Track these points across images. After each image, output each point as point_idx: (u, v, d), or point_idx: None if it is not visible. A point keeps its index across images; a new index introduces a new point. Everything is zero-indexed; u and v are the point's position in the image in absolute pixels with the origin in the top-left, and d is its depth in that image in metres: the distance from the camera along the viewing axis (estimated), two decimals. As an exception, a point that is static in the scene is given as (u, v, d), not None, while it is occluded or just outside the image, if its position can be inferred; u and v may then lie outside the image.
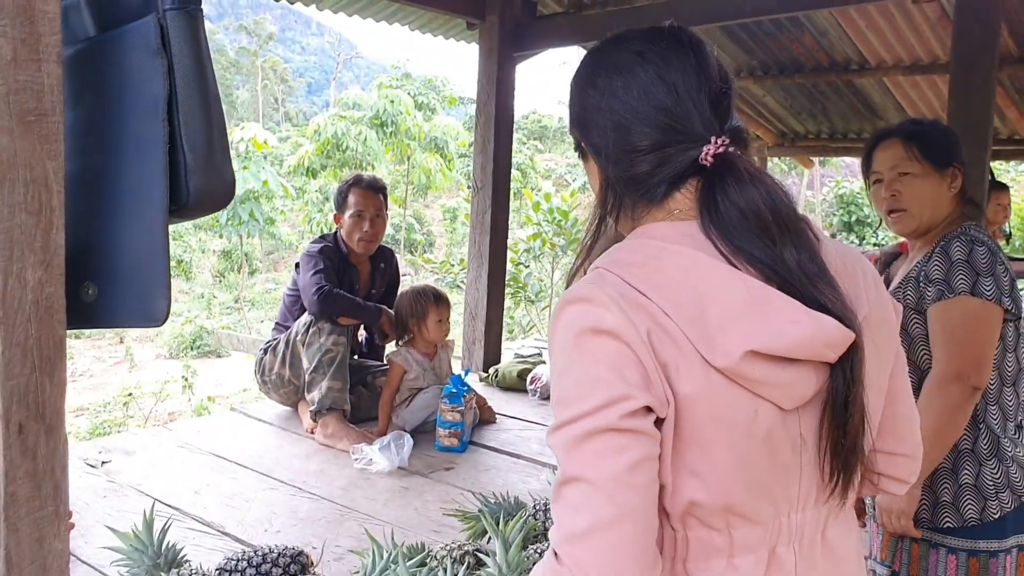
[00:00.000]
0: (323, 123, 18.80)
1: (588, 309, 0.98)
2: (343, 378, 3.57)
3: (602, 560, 0.93)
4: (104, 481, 2.97)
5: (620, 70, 1.12)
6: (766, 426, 0.99)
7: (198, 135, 0.94)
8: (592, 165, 1.17)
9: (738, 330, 0.96)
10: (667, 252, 1.02)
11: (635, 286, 0.99)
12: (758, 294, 0.99)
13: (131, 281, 0.93)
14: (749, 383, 0.97)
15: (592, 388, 0.96)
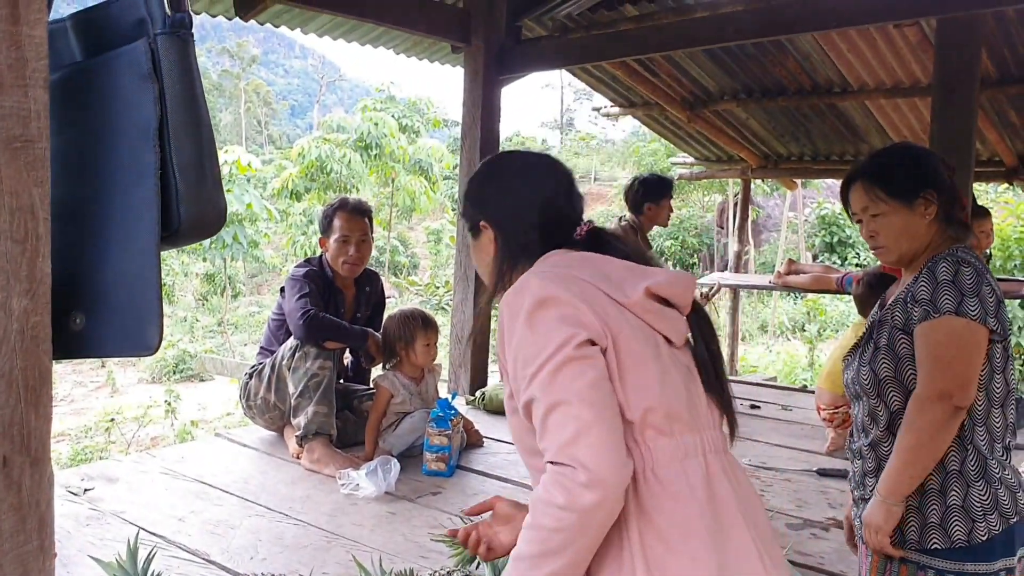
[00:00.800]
0: (307, 146, 18.78)
1: (529, 292, 1.38)
2: (329, 403, 3.54)
3: (592, 451, 1.24)
4: (87, 509, 2.92)
5: (526, 173, 1.66)
6: (667, 352, 1.43)
7: (189, 161, 0.92)
8: (485, 241, 1.63)
9: (633, 281, 1.45)
10: (565, 256, 1.52)
11: (556, 266, 1.46)
12: (632, 264, 1.51)
13: (121, 310, 0.91)
14: (648, 316, 1.43)
15: (548, 339, 1.32)
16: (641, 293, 1.41)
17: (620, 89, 6.99)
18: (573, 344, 1.30)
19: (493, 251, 1.61)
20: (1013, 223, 10.78)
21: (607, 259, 1.50)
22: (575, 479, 1.23)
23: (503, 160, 1.74)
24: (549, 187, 1.63)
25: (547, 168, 1.67)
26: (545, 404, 1.29)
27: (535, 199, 1.61)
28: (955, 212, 2.23)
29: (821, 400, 4.12)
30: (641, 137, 28.54)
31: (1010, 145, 6.48)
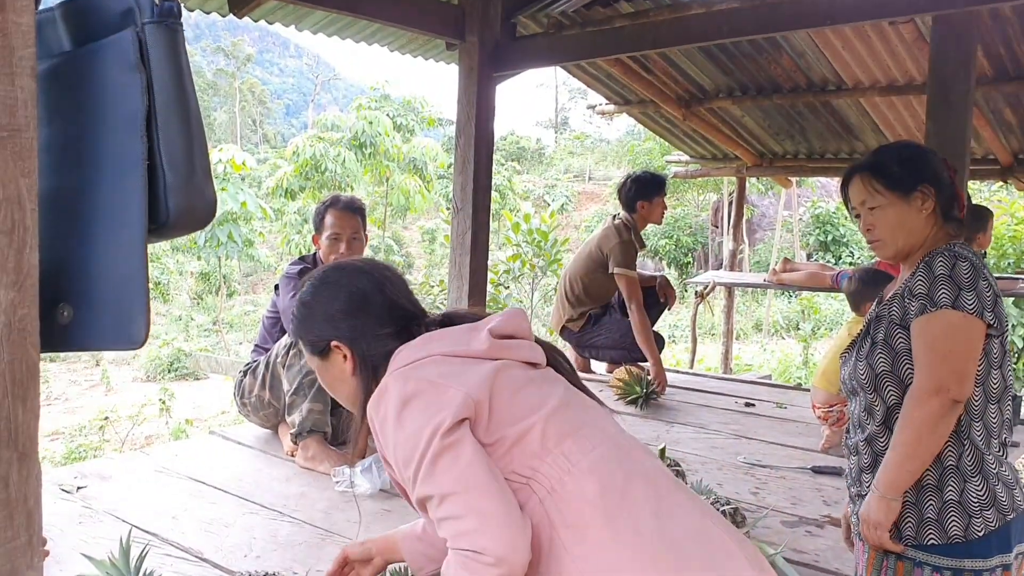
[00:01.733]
0: (301, 144, 18.76)
1: (389, 395, 1.49)
2: (324, 400, 3.53)
3: (492, 537, 1.31)
4: (79, 507, 2.91)
5: (364, 283, 1.73)
6: (537, 372, 1.62)
7: (178, 152, 0.91)
8: (338, 361, 1.70)
9: (476, 332, 1.60)
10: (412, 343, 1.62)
11: (409, 360, 1.56)
12: (470, 325, 1.66)
13: (108, 302, 0.90)
14: (504, 353, 1.58)
15: (417, 436, 1.40)
16: (486, 337, 1.57)
17: (615, 87, 6.99)
18: (440, 434, 1.38)
19: (351, 368, 1.68)
20: (1007, 221, 10.80)
21: (445, 331, 1.63)
22: (481, 561, 1.31)
23: (336, 276, 1.78)
24: (389, 291, 1.74)
25: (381, 274, 1.77)
26: (436, 497, 1.37)
27: (382, 305, 1.71)
28: (953, 210, 2.24)
29: (816, 399, 4.12)
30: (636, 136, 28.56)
31: (1005, 143, 6.48)
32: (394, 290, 1.75)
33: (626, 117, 7.75)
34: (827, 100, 6.29)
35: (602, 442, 1.50)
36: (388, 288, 1.74)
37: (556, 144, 46.33)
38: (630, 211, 5.15)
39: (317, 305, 1.73)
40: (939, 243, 2.19)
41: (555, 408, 1.50)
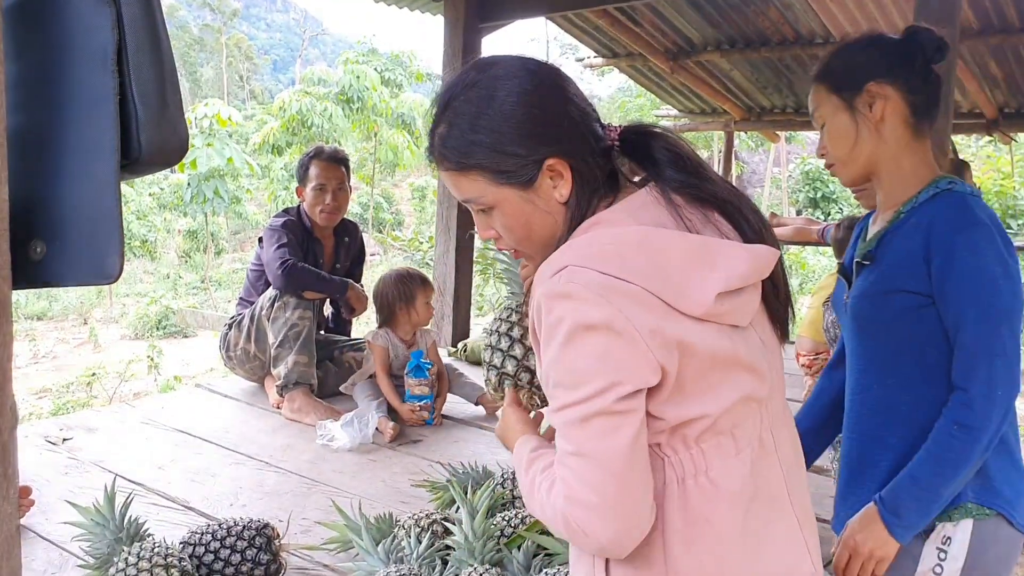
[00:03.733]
0: (288, 99, 18.58)
1: (575, 306, 1.11)
2: (310, 353, 3.55)
3: (607, 531, 1.11)
4: (65, 458, 2.92)
5: (553, 80, 1.25)
6: (735, 343, 1.18)
7: (149, 87, 0.90)
8: (543, 184, 1.23)
9: (700, 281, 1.13)
10: (617, 237, 1.16)
11: (608, 272, 1.11)
12: (702, 245, 1.16)
13: (81, 238, 0.90)
14: (718, 317, 1.15)
15: (585, 377, 1.11)
16: (710, 301, 1.13)
17: (604, 40, 6.93)
18: (613, 397, 1.10)
19: (566, 192, 1.23)
20: (993, 176, 10.82)
21: (668, 239, 1.16)
22: (585, 535, 1.13)
23: (511, 74, 1.24)
24: (574, 90, 1.27)
25: (558, 75, 1.29)
26: (571, 446, 1.13)
27: (580, 106, 1.25)
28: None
29: (802, 348, 4.15)
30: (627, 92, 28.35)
31: (990, 97, 6.48)
32: (580, 94, 1.28)
33: (617, 73, 7.71)
34: (814, 53, 6.26)
35: (750, 442, 1.21)
36: (567, 82, 1.27)
37: (545, 101, 45.91)
38: (617, 165, 5.13)
39: (504, 118, 1.21)
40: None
41: (719, 404, 1.17)
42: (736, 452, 1.18)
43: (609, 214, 1.22)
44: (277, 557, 2.08)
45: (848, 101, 1.69)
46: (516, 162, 1.21)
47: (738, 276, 1.15)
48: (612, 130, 1.27)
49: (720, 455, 1.17)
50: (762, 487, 1.21)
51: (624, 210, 1.22)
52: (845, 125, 1.71)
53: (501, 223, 1.28)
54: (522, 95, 1.22)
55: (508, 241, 1.30)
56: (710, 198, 1.23)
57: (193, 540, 2.06)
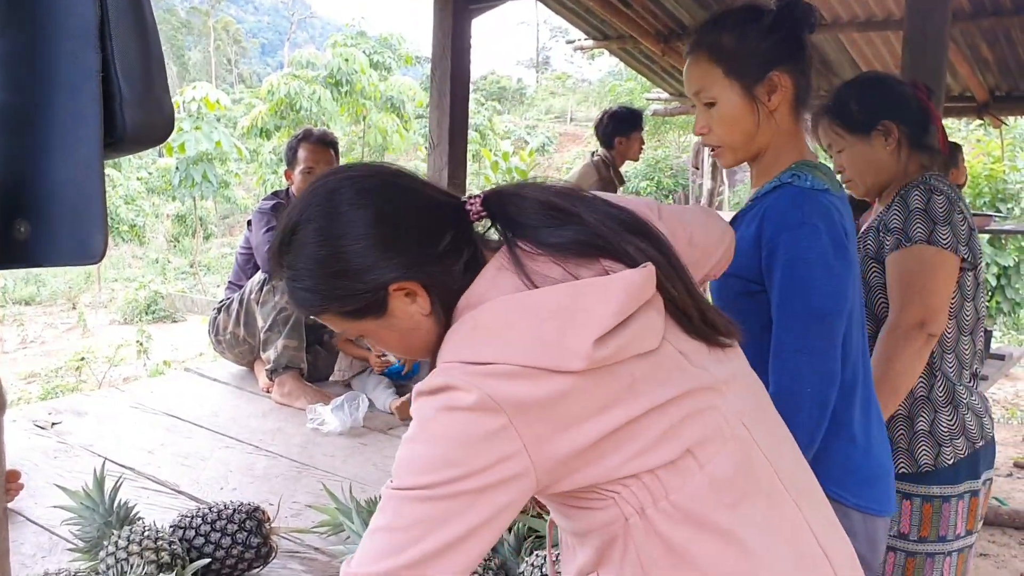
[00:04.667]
0: (276, 83, 18.48)
1: (475, 412, 1.02)
2: (299, 336, 3.53)
3: None
4: (54, 442, 2.91)
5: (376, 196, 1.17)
6: (651, 368, 1.10)
7: (133, 64, 0.89)
8: (397, 306, 1.17)
9: (573, 333, 1.04)
10: (480, 314, 1.10)
11: (497, 361, 1.04)
12: (568, 293, 1.08)
13: (66, 218, 0.89)
14: (612, 359, 1.06)
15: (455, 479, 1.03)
16: (589, 349, 1.04)
17: (594, 22, 6.90)
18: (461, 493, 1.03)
19: (426, 308, 1.18)
20: (983, 160, 10.84)
21: (533, 299, 1.09)
22: None
23: (338, 203, 1.17)
24: (414, 191, 1.22)
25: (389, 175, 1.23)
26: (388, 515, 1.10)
27: (425, 214, 1.19)
28: (925, 138, 2.22)
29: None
30: (617, 76, 28.29)
31: (981, 80, 6.48)
32: (411, 185, 1.21)
33: (608, 57, 7.68)
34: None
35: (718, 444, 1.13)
36: (404, 186, 1.21)
37: (537, 84, 45.86)
38: (608, 147, 5.12)
39: (344, 250, 1.15)
40: (913, 174, 2.19)
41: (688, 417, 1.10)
42: (700, 467, 1.10)
43: (468, 297, 1.16)
44: (267, 540, 2.08)
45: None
46: (354, 300, 1.17)
47: (612, 313, 1.06)
48: (474, 202, 1.20)
49: (680, 476, 1.10)
50: (748, 485, 1.14)
51: (484, 283, 1.16)
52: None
53: (383, 347, 1.28)
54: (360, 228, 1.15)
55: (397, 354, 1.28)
56: (576, 243, 1.14)
57: (183, 523, 2.05)
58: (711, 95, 1.71)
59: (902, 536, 2.18)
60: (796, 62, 1.68)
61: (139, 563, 1.80)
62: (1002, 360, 4.65)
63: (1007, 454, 6.40)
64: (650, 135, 21.88)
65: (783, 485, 1.19)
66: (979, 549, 4.65)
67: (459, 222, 1.20)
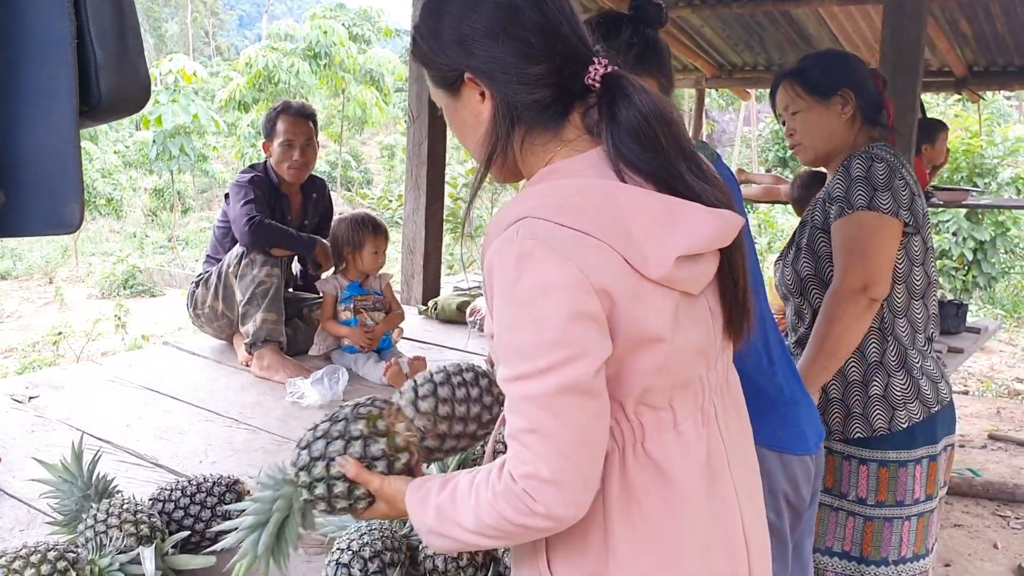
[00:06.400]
0: (254, 55, 18.29)
1: (532, 264, 1.05)
2: (278, 310, 3.51)
3: (561, 502, 1.07)
4: (32, 416, 2.89)
5: (527, 5, 1.16)
6: (683, 312, 1.14)
7: (108, 30, 0.88)
8: (472, 102, 1.21)
9: (662, 242, 1.09)
10: (583, 188, 1.12)
11: (567, 225, 1.07)
12: (667, 206, 1.12)
13: (41, 187, 0.88)
14: (675, 283, 1.11)
15: (548, 346, 1.05)
16: (669, 265, 1.08)
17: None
18: (574, 371, 1.05)
19: (489, 113, 1.20)
20: (961, 136, 10.90)
21: (633, 196, 1.11)
22: (534, 510, 1.08)
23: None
24: (548, 11, 1.18)
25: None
26: (526, 421, 1.08)
27: (537, 35, 1.17)
28: (877, 116, 2.28)
29: (768, 308, 4.20)
30: (597, 49, 28.14)
31: (960, 55, 6.51)
32: (557, 12, 1.18)
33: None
34: (786, 10, 6.23)
35: (689, 413, 1.20)
36: (549, 8, 1.18)
37: (516, 58, 45.52)
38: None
39: (448, 16, 1.20)
40: (860, 147, 2.23)
41: (663, 376, 1.14)
42: (674, 425, 1.17)
43: (568, 164, 1.17)
44: (247, 513, 2.08)
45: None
46: (439, 69, 1.23)
47: (703, 239, 1.12)
48: (596, 70, 1.18)
49: (657, 428, 1.16)
50: (700, 458, 1.20)
51: (584, 161, 1.17)
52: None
53: (450, 125, 1.31)
54: (476, 6, 1.18)
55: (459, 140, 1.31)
56: (660, 179, 1.15)
57: (162, 496, 2.05)
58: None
59: (860, 501, 2.23)
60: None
61: (118, 536, 1.80)
62: (977, 334, 4.69)
63: (981, 426, 6.49)
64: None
65: (730, 470, 1.25)
66: (953, 520, 4.73)
67: (570, 71, 1.18)
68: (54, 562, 1.64)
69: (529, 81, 1.16)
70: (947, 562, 4.22)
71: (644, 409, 1.15)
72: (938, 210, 9.98)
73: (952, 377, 2.57)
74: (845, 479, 2.25)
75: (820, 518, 2.28)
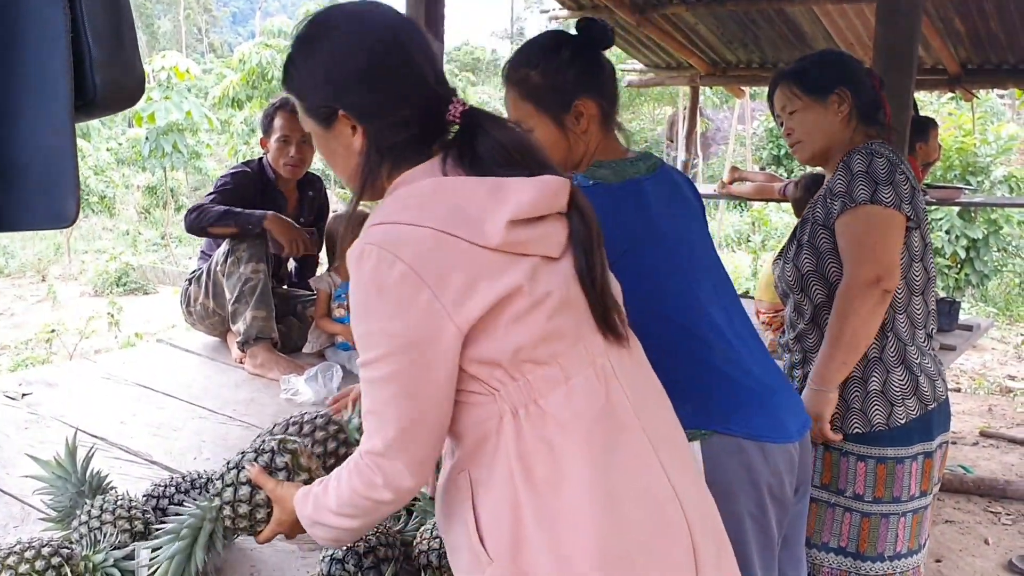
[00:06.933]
0: (248, 52, 18.23)
1: (367, 265, 1.21)
2: (267, 306, 3.49)
3: (397, 472, 1.26)
4: (25, 413, 2.89)
5: (389, 40, 1.32)
6: (543, 275, 1.26)
7: (103, 24, 0.88)
8: (344, 135, 1.36)
9: (493, 213, 1.22)
10: (418, 189, 1.28)
11: (407, 223, 1.22)
12: (492, 184, 1.26)
13: (37, 182, 0.88)
14: (520, 247, 1.24)
15: (380, 338, 1.22)
16: (502, 230, 1.21)
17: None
18: (397, 361, 1.22)
19: (360, 147, 1.35)
20: (955, 134, 10.92)
21: (462, 183, 1.27)
22: (375, 482, 1.28)
23: (353, 22, 1.35)
24: (417, 59, 1.33)
25: (408, 31, 1.35)
26: (367, 402, 1.27)
27: (404, 80, 1.32)
28: (876, 115, 2.29)
29: (760, 307, 4.22)
30: (591, 47, 28.14)
31: (953, 53, 6.52)
32: (421, 54, 1.33)
33: (580, 25, 7.62)
34: (780, 8, 6.25)
35: (580, 368, 1.29)
36: (415, 51, 1.33)
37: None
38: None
39: (322, 56, 1.33)
40: (857, 144, 2.25)
41: (534, 333, 1.25)
42: (565, 380, 1.27)
43: (410, 174, 1.33)
44: (242, 509, 2.07)
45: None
46: (313, 103, 1.36)
47: (526, 203, 1.24)
48: (455, 109, 1.34)
49: (548, 384, 1.26)
50: (598, 411, 1.28)
51: (419, 170, 1.33)
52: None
53: (320, 153, 1.47)
54: (347, 47, 1.32)
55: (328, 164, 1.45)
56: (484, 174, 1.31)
57: (156, 493, 2.05)
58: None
59: (858, 497, 2.24)
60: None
61: (112, 532, 1.80)
62: (970, 331, 4.71)
63: (973, 423, 6.51)
64: (624, 107, 21.75)
65: (640, 423, 1.32)
66: (945, 516, 4.74)
67: (433, 111, 1.34)
68: (48, 558, 1.64)
69: (397, 122, 1.32)
70: (938, 557, 4.24)
71: (530, 367, 1.25)
72: (931, 208, 9.99)
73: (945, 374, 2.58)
74: (843, 475, 2.25)
75: (816, 514, 2.28)
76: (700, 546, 1.31)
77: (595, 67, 1.85)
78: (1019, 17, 5.76)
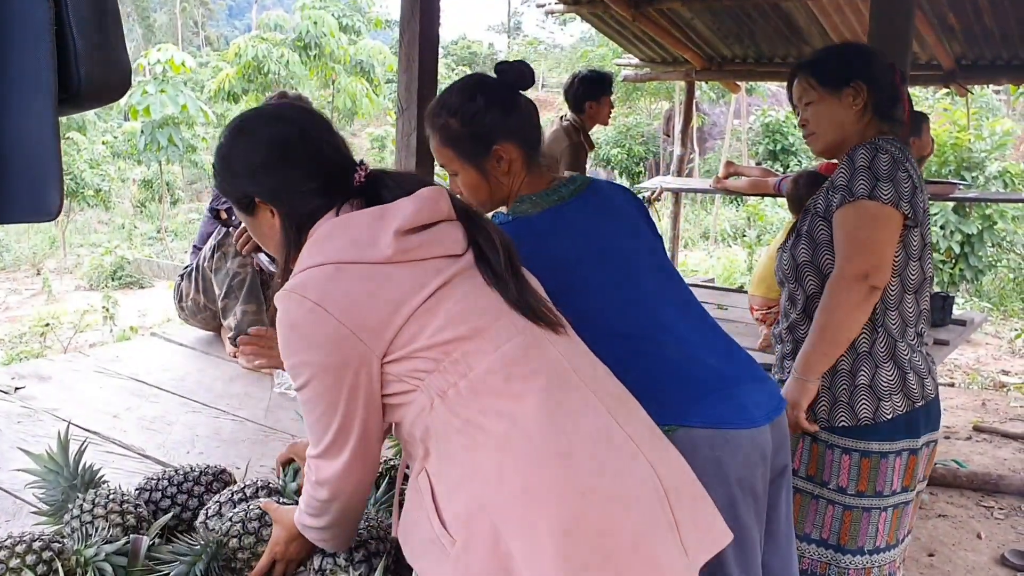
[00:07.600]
0: (244, 45, 18.18)
1: (285, 308, 1.39)
2: (257, 300, 3.48)
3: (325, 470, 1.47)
4: (18, 407, 2.88)
5: (287, 133, 1.53)
6: (452, 265, 1.42)
7: (88, 17, 0.87)
8: (264, 218, 1.56)
9: (383, 231, 1.38)
10: (322, 234, 1.45)
11: (316, 264, 1.39)
12: (379, 209, 1.44)
13: (19, 175, 0.87)
14: (414, 253, 1.39)
15: (300, 367, 1.39)
16: (392, 242, 1.37)
17: (564, -14, 6.86)
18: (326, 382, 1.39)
19: (279, 225, 1.55)
20: (949, 128, 10.92)
21: (351, 218, 1.45)
22: (314, 480, 1.50)
23: (255, 123, 1.59)
24: (314, 141, 1.54)
25: (307, 122, 1.57)
26: (303, 414, 1.47)
27: (306, 160, 1.52)
28: (891, 110, 2.28)
29: (754, 303, 4.23)
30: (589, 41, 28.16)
31: (948, 48, 6.52)
32: (318, 137, 1.55)
33: (580, 22, 7.63)
34: (776, 3, 6.25)
35: (507, 337, 1.39)
36: (311, 136, 1.54)
37: (509, 50, 45.43)
38: (578, 111, 5.09)
39: (235, 157, 1.56)
40: (868, 138, 2.24)
41: (450, 321, 1.37)
42: (495, 348, 1.36)
43: (312, 230, 1.49)
44: (234, 503, 2.07)
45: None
46: (235, 195, 1.59)
47: (409, 215, 1.40)
48: (361, 173, 1.53)
49: (477, 356, 1.35)
50: (542, 369, 1.37)
51: (328, 223, 1.48)
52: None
53: (253, 235, 1.66)
54: (251, 144, 1.54)
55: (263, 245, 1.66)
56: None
57: (149, 486, 2.04)
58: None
59: (841, 490, 2.25)
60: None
61: (104, 526, 1.79)
62: (963, 326, 4.71)
63: (967, 418, 6.53)
64: (621, 102, 21.81)
65: (583, 382, 1.40)
66: (938, 510, 4.76)
67: (339, 179, 1.52)
68: (39, 552, 1.64)
69: (305, 195, 1.50)
70: (931, 552, 4.25)
71: (453, 346, 1.35)
72: (926, 203, 9.98)
73: (938, 369, 2.59)
74: (827, 467, 2.26)
75: (799, 505, 2.29)
76: (665, 479, 1.36)
77: (512, 110, 1.88)
78: (1013, 12, 5.77)
